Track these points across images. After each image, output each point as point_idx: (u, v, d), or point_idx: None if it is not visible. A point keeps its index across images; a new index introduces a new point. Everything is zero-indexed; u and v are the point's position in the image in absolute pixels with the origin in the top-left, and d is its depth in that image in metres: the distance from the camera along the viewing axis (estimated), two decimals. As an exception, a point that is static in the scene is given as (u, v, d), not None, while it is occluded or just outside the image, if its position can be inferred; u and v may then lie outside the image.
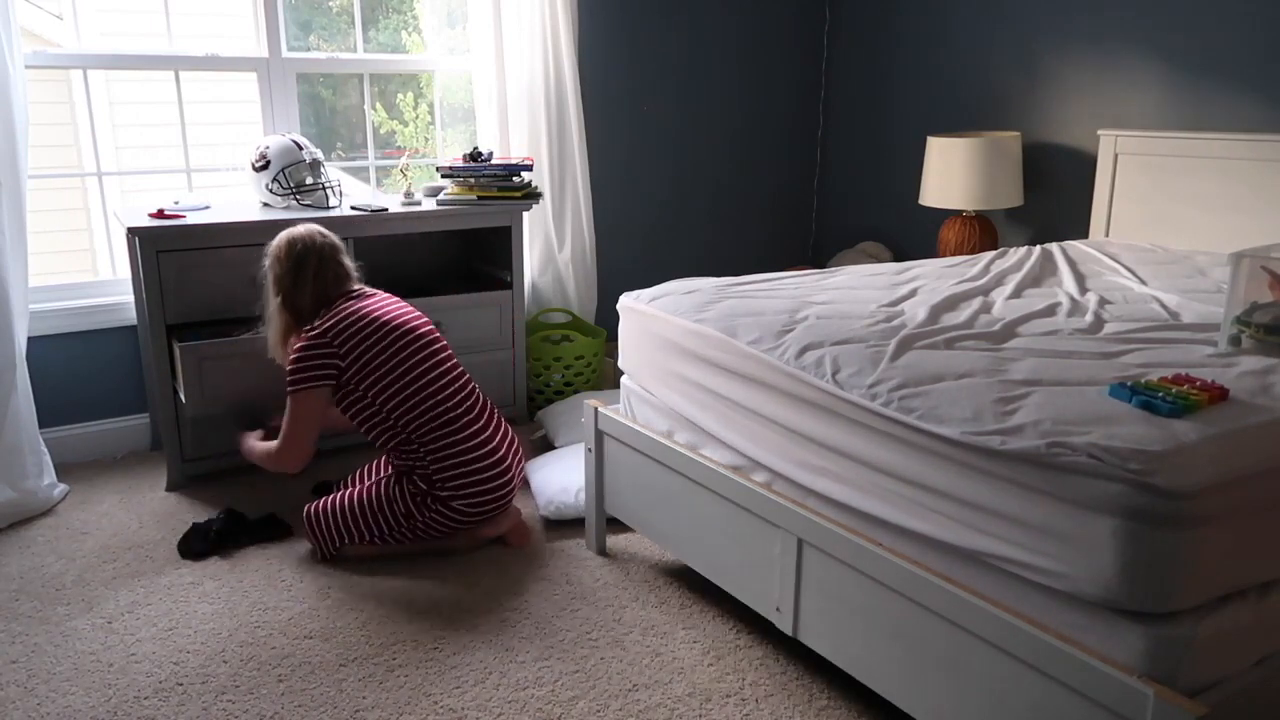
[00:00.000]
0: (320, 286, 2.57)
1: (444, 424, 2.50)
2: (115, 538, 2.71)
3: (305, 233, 2.59)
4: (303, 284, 2.55)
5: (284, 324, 2.59)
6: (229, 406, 2.91)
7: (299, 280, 2.55)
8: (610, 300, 4.12)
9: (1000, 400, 1.64)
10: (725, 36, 4.28)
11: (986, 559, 1.57)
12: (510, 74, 3.65)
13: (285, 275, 2.55)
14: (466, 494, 2.50)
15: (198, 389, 2.83)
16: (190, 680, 2.07)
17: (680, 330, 2.25)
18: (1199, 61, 3.15)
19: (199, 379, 2.82)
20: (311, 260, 2.55)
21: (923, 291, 2.46)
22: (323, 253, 2.57)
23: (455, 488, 2.49)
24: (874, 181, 4.41)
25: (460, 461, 2.49)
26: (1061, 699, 1.46)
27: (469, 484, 2.50)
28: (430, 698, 2.01)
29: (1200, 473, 1.37)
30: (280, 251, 2.57)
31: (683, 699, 2.01)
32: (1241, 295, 1.92)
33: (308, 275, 2.55)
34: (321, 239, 2.59)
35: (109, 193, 3.43)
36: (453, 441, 2.50)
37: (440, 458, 2.49)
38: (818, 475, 1.89)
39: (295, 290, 2.55)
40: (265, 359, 2.77)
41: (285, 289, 2.56)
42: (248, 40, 3.65)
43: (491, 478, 2.53)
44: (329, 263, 2.58)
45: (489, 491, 2.53)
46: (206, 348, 2.82)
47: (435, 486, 2.50)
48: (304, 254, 2.55)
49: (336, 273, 2.59)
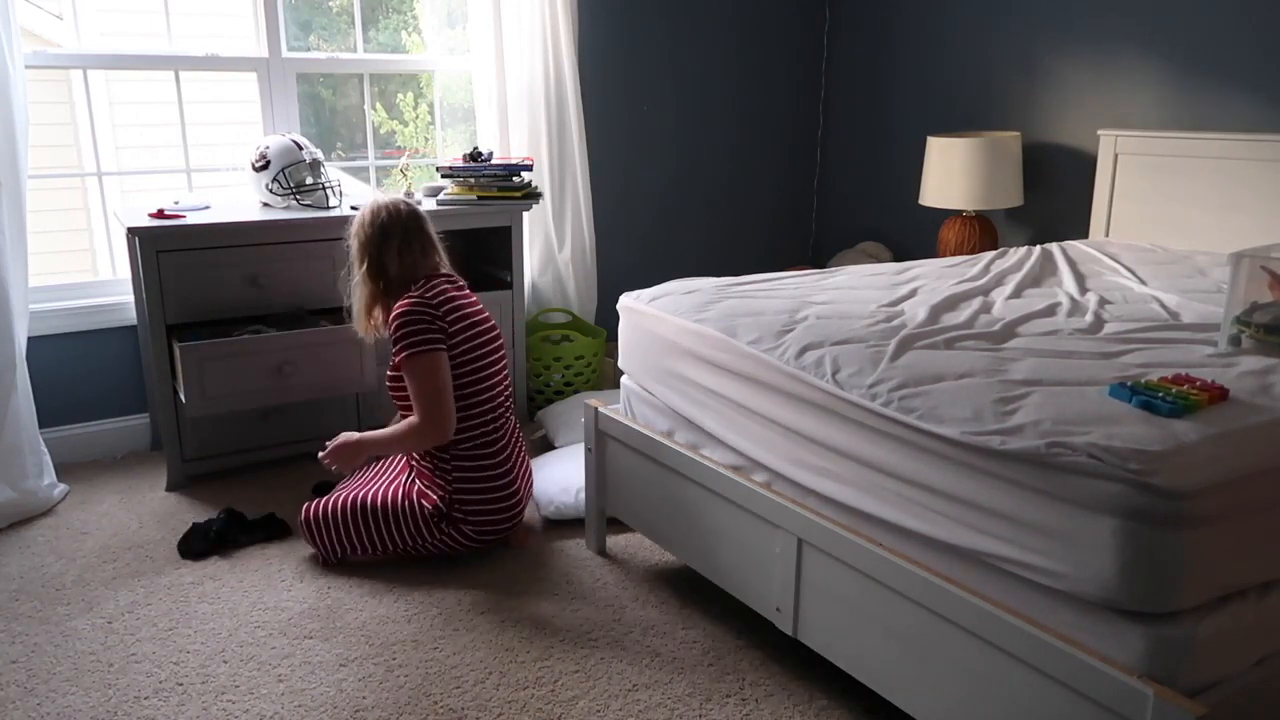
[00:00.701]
0: (408, 256, 2.52)
1: (481, 445, 2.49)
2: (115, 538, 2.71)
3: (390, 202, 2.56)
4: (389, 252, 2.50)
5: (369, 294, 2.54)
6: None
7: (385, 248, 2.51)
8: (610, 300, 4.12)
9: (1000, 400, 1.64)
10: (725, 36, 4.28)
11: (986, 559, 1.57)
12: (510, 74, 3.65)
13: (369, 242, 2.52)
14: (479, 519, 2.49)
15: (198, 390, 2.83)
16: (190, 680, 2.07)
17: (680, 330, 2.25)
18: (1199, 61, 3.15)
19: (199, 380, 2.82)
20: (396, 229, 2.51)
21: (923, 291, 2.46)
22: (407, 222, 2.53)
23: (470, 512, 2.48)
24: (874, 181, 4.40)
25: (482, 489, 2.49)
26: (1061, 699, 1.46)
27: (484, 510, 2.49)
28: (430, 698, 2.01)
29: (1200, 473, 1.37)
30: (365, 218, 2.54)
31: (683, 699, 2.01)
32: (1241, 295, 1.92)
33: (394, 244, 2.50)
34: (406, 209, 2.55)
35: (109, 193, 3.43)
36: (481, 466, 2.49)
37: (465, 479, 2.48)
38: (818, 475, 1.89)
39: (381, 257, 2.51)
40: (267, 360, 2.77)
41: (370, 255, 2.52)
42: (248, 40, 3.65)
43: (506, 508, 2.53)
44: (415, 233, 2.54)
45: (501, 521, 2.53)
46: (207, 348, 2.81)
47: (453, 508, 2.48)
48: (389, 222, 2.51)
49: (424, 245, 2.55)
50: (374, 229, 2.52)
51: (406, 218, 2.54)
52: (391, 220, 2.52)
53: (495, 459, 2.51)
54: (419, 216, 2.57)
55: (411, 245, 2.53)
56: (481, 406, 2.50)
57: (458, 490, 2.48)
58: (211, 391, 2.85)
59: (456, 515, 2.48)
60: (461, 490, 2.48)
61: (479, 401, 2.49)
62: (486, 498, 2.49)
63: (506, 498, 2.52)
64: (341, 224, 3.10)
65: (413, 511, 2.48)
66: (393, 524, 2.49)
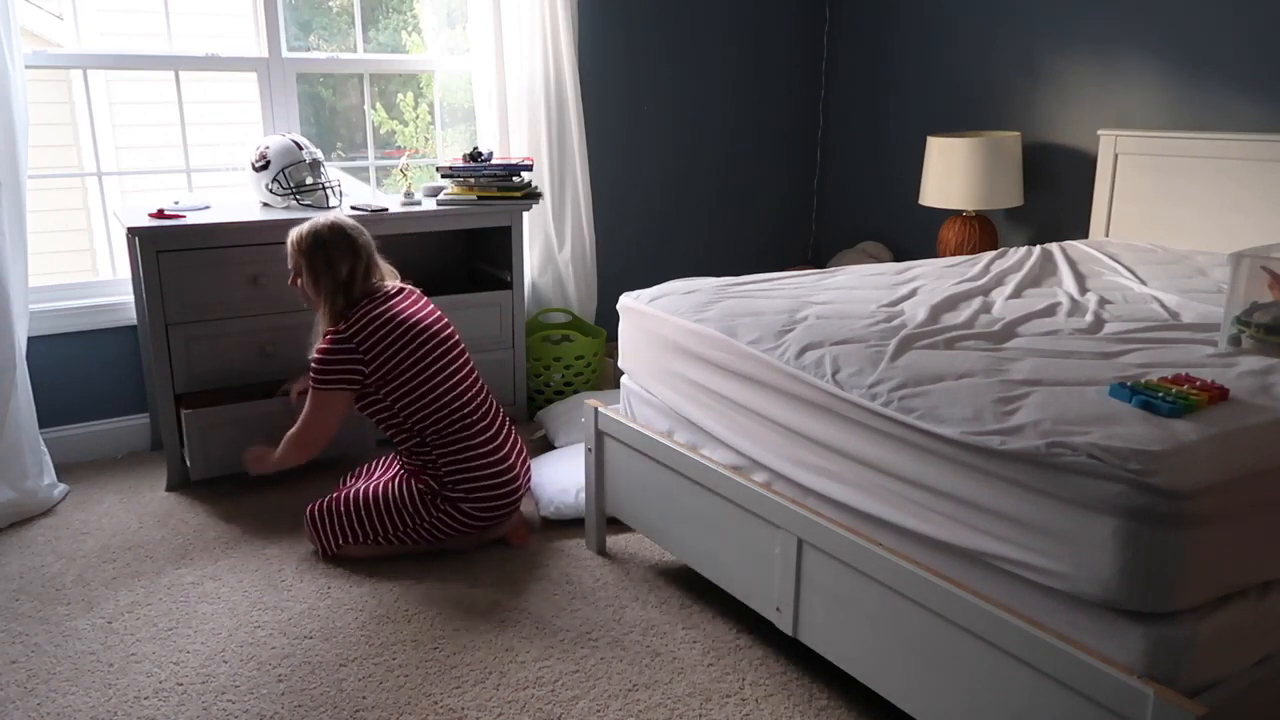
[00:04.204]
0: (337, 278, 2.51)
1: (458, 429, 2.51)
2: (115, 538, 2.71)
3: (315, 226, 2.55)
4: (320, 275, 2.51)
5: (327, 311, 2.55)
6: None
7: (317, 272, 2.52)
8: (610, 300, 4.12)
9: (1000, 400, 1.64)
10: (725, 37, 4.28)
11: (986, 559, 1.57)
12: (510, 74, 3.65)
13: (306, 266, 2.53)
14: (476, 497, 2.51)
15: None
16: (190, 680, 2.07)
17: (680, 330, 2.25)
18: (1199, 61, 3.15)
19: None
20: (321, 254, 2.51)
21: (923, 291, 2.46)
22: (334, 245, 2.52)
23: (465, 490, 2.50)
24: (874, 181, 4.41)
25: (471, 465, 2.50)
26: (1061, 699, 1.46)
27: (479, 487, 2.51)
28: (430, 698, 2.01)
29: (1200, 473, 1.37)
30: (300, 243, 2.54)
31: (683, 699, 2.01)
32: (1241, 295, 1.92)
33: (319, 267, 2.51)
34: (329, 232, 2.53)
35: (109, 193, 3.43)
36: (465, 446, 2.51)
37: (451, 460, 2.50)
38: (818, 475, 1.89)
39: (319, 280, 2.52)
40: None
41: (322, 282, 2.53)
42: (248, 40, 3.65)
43: (502, 483, 2.54)
44: (342, 256, 2.52)
45: (498, 497, 2.53)
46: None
47: (446, 487, 2.50)
48: (314, 247, 2.52)
49: (353, 267, 2.53)
50: (304, 257, 2.52)
51: (332, 242, 2.52)
52: (316, 244, 2.52)
53: (479, 438, 2.52)
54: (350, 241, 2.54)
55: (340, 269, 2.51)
56: (445, 395, 2.51)
57: (449, 473, 2.50)
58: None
59: (453, 494, 2.50)
60: (452, 473, 2.50)
61: (443, 394, 2.51)
62: (479, 474, 2.50)
63: (500, 474, 2.53)
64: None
65: (408, 492, 2.53)
66: (391, 508, 2.52)
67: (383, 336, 2.48)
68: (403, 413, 2.50)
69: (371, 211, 3.16)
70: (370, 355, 2.47)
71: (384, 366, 2.48)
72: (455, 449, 2.50)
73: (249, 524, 2.79)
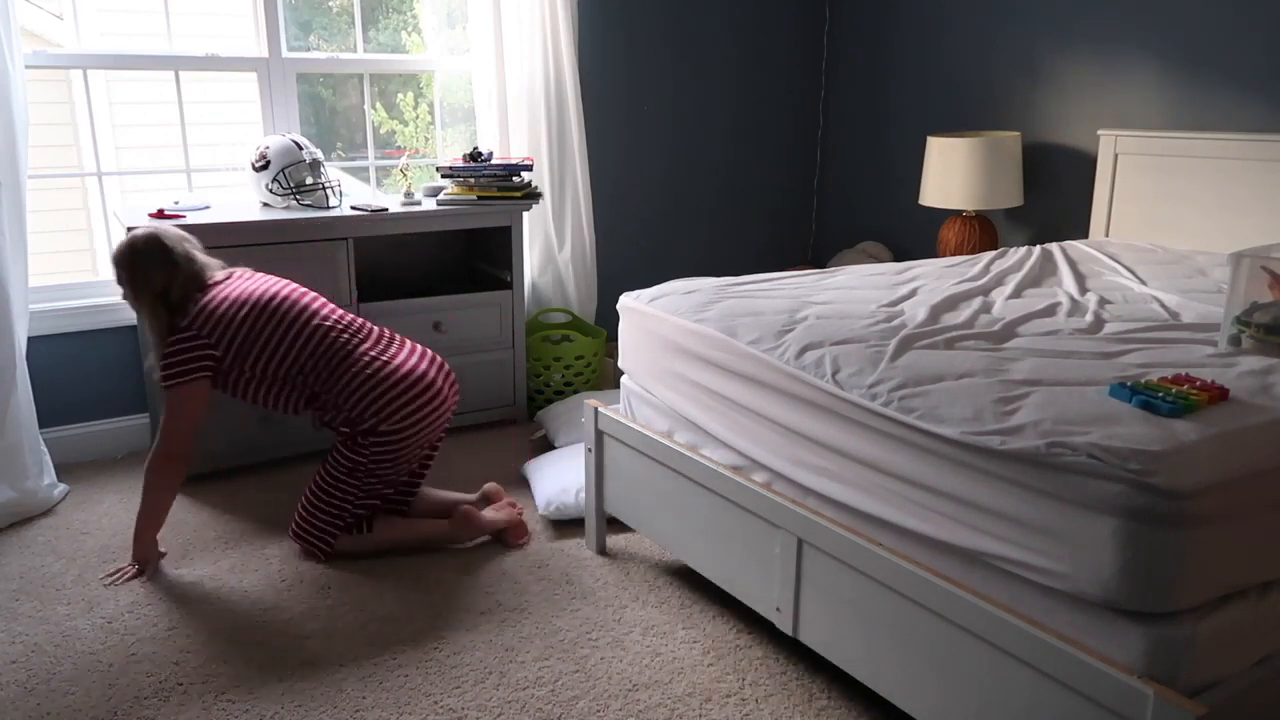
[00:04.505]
0: (154, 290, 2.46)
1: (338, 358, 2.50)
2: (115, 538, 2.71)
3: (133, 239, 2.48)
4: (139, 288, 2.46)
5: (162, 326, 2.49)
6: None
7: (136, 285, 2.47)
8: (610, 300, 4.12)
9: (1000, 400, 1.64)
10: (725, 36, 4.28)
11: (986, 559, 1.57)
12: (510, 74, 3.65)
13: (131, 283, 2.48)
14: (387, 413, 2.48)
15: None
16: (190, 680, 2.07)
17: (680, 330, 2.25)
18: (1199, 61, 3.15)
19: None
20: (137, 268, 2.46)
21: (923, 291, 2.46)
22: (150, 258, 2.46)
23: (373, 411, 2.47)
24: (874, 181, 4.41)
25: (364, 384, 2.48)
26: (1061, 699, 1.46)
27: (383, 402, 2.48)
28: (430, 698, 2.01)
29: (1200, 473, 1.37)
30: (118, 258, 2.48)
31: (683, 699, 2.01)
32: (1241, 295, 1.92)
33: (148, 277, 2.45)
34: (145, 245, 2.47)
35: (109, 193, 3.43)
36: (348, 369, 2.49)
37: (345, 391, 2.48)
38: (818, 475, 1.89)
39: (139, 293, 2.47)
40: None
41: (142, 296, 2.47)
42: (248, 40, 3.65)
43: (405, 389, 2.50)
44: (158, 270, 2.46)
45: (409, 402, 2.50)
46: None
47: (357, 423, 2.49)
48: (130, 261, 2.46)
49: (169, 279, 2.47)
50: (127, 271, 2.47)
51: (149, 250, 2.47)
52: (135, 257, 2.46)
53: (363, 359, 2.50)
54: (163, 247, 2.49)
55: (168, 275, 2.47)
56: (309, 337, 2.50)
57: (352, 405, 2.48)
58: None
59: (366, 424, 2.48)
60: (354, 403, 2.48)
61: (308, 334, 2.50)
62: (377, 388, 2.48)
63: (400, 380, 2.50)
64: (341, 224, 3.12)
65: (337, 452, 2.53)
66: (334, 475, 2.52)
67: (224, 313, 2.46)
68: (280, 373, 2.48)
69: (371, 211, 3.17)
70: (217, 337, 2.44)
71: (237, 338, 2.45)
72: (344, 379, 2.48)
73: (249, 524, 2.79)
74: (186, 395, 2.44)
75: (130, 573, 2.48)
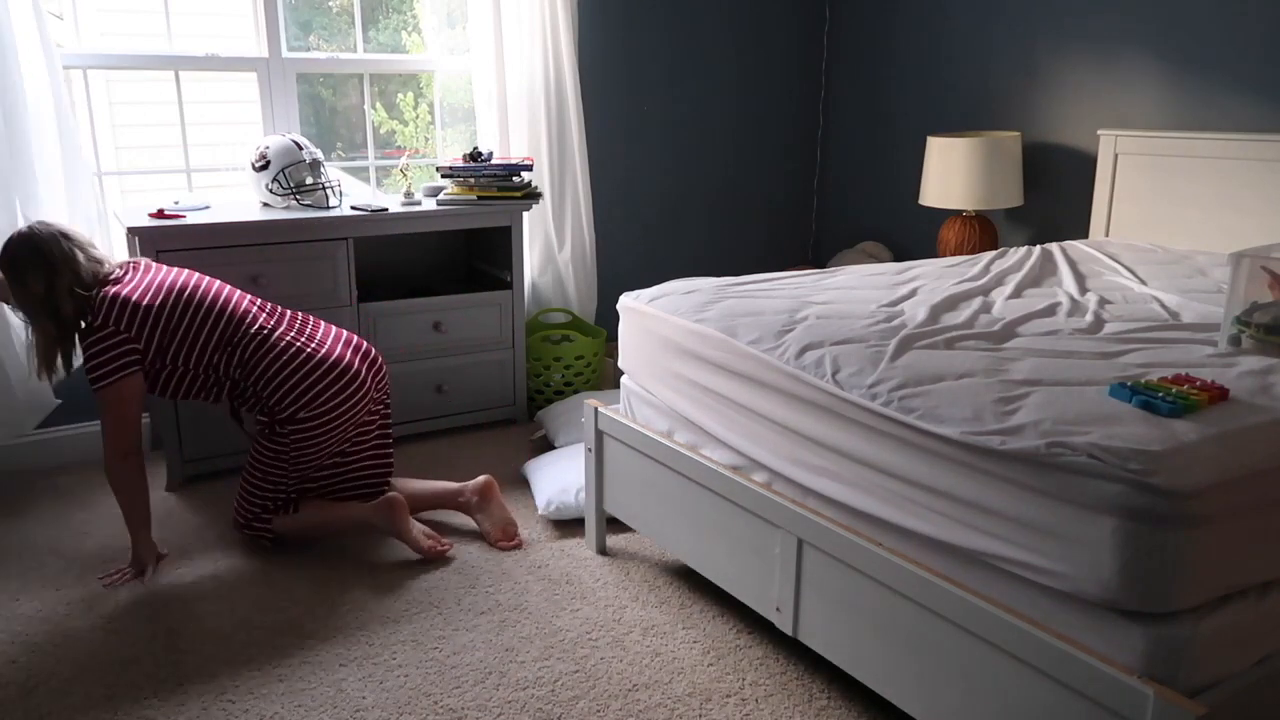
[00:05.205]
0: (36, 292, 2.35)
1: (248, 344, 2.48)
2: (115, 538, 2.71)
3: (9, 242, 2.37)
4: (19, 294, 2.37)
5: (48, 337, 2.39)
6: None
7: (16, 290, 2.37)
8: (610, 300, 4.12)
9: (1000, 400, 1.64)
10: (725, 36, 4.28)
11: (986, 559, 1.57)
12: (510, 74, 3.65)
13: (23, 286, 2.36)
14: (305, 400, 2.47)
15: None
16: (190, 680, 2.07)
17: (680, 330, 2.25)
18: (1199, 61, 3.15)
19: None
20: (13, 272, 2.35)
21: (923, 291, 2.46)
22: (27, 263, 2.34)
23: (292, 399, 2.46)
24: (874, 181, 4.41)
25: (280, 368, 2.47)
26: (1061, 699, 1.46)
27: (301, 389, 2.46)
28: (430, 698, 2.01)
29: (1200, 473, 1.37)
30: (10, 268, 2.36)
31: (683, 699, 2.01)
32: (1241, 295, 1.92)
33: (25, 281, 2.35)
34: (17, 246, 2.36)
35: (109, 193, 3.43)
36: (263, 354, 2.48)
37: (260, 375, 2.47)
38: (818, 475, 1.89)
39: (22, 298, 2.37)
40: None
41: (31, 300, 2.37)
42: (248, 40, 3.65)
43: (324, 374, 2.49)
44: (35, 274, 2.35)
45: (327, 388, 2.49)
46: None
47: (276, 411, 2.48)
48: (8, 265, 2.36)
49: (51, 282, 2.35)
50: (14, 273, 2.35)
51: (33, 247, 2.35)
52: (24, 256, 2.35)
53: (279, 343, 2.49)
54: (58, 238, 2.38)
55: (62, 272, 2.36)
56: (223, 325, 2.48)
57: (272, 394, 2.47)
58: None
59: (285, 414, 2.47)
60: (274, 390, 2.47)
61: (224, 324, 2.48)
62: (296, 376, 2.46)
63: (317, 365, 2.48)
64: (341, 224, 3.12)
65: (259, 440, 2.53)
66: (266, 469, 2.53)
67: (137, 304, 2.41)
68: (201, 363, 2.47)
69: (371, 211, 3.17)
70: (136, 329, 2.39)
71: (157, 328, 2.41)
72: (260, 365, 2.47)
73: (249, 524, 2.79)
74: (121, 392, 2.39)
75: (129, 575, 2.46)
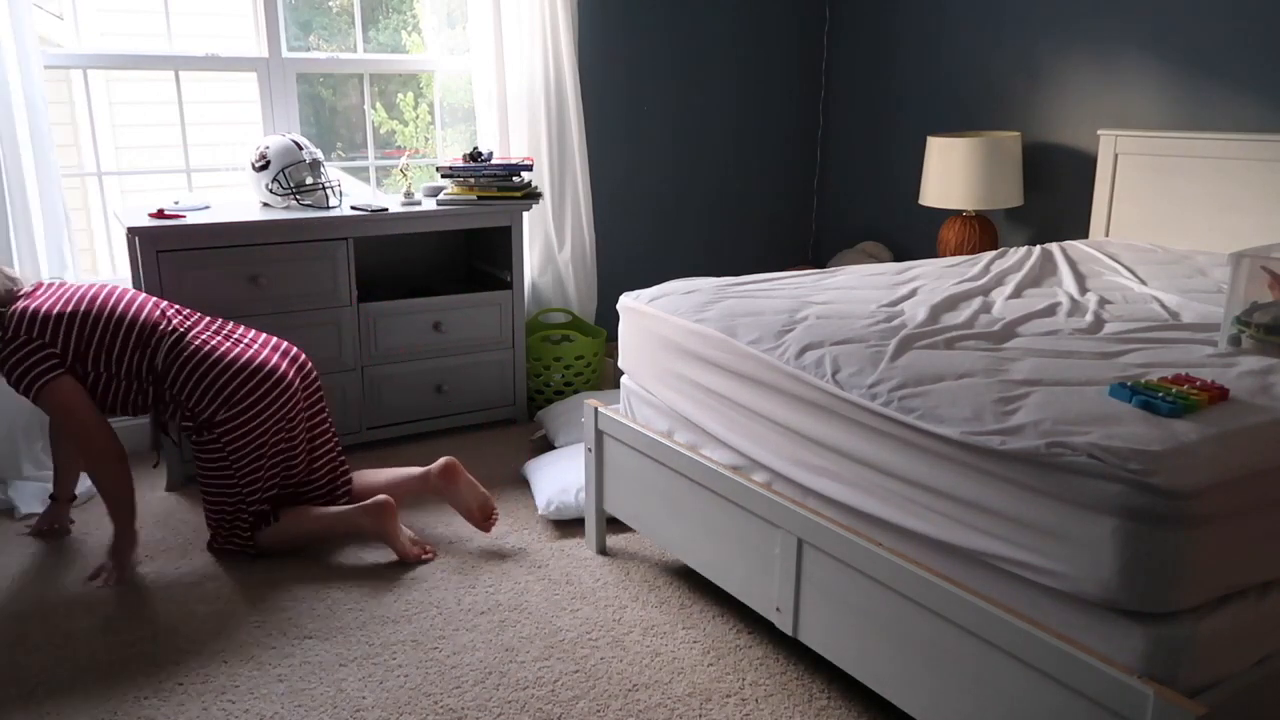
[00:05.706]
0: None
1: (159, 345, 2.45)
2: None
3: None
4: None
5: None
6: None
7: None
8: (610, 300, 4.12)
9: (1000, 400, 1.64)
10: (725, 36, 4.28)
11: (986, 559, 1.57)
12: (510, 74, 3.65)
13: None
14: (221, 400, 2.43)
15: None
16: (190, 680, 2.07)
17: (680, 330, 2.25)
18: (1199, 61, 3.15)
19: None
20: None
21: (923, 291, 2.46)
22: None
23: (208, 400, 2.43)
24: (874, 181, 4.41)
25: (193, 369, 2.44)
26: (1061, 699, 1.46)
27: (216, 389, 2.43)
28: (430, 698, 2.01)
29: (1200, 473, 1.37)
30: None
31: (683, 699, 2.01)
32: (1241, 295, 1.92)
33: None
34: None
35: (109, 192, 3.43)
36: (176, 355, 2.44)
37: (175, 377, 2.44)
38: (818, 475, 1.89)
39: None
40: None
41: None
42: (248, 40, 3.65)
43: (242, 376, 2.45)
44: None
45: (249, 391, 2.46)
46: None
47: (197, 415, 2.45)
48: None
49: None
50: None
51: None
52: None
53: (192, 344, 2.46)
54: None
55: None
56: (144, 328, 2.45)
57: (189, 395, 2.44)
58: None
59: (205, 416, 2.44)
60: (190, 391, 2.43)
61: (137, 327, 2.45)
62: (210, 376, 2.43)
63: (232, 365, 2.45)
64: (341, 224, 3.12)
65: (195, 458, 2.49)
66: (212, 483, 2.49)
67: (47, 314, 2.39)
68: (120, 370, 2.44)
69: (371, 211, 3.17)
70: (50, 335, 2.37)
71: (70, 334, 2.38)
72: (174, 367, 2.44)
73: (249, 524, 2.79)
74: (57, 396, 2.37)
75: (113, 574, 2.45)
